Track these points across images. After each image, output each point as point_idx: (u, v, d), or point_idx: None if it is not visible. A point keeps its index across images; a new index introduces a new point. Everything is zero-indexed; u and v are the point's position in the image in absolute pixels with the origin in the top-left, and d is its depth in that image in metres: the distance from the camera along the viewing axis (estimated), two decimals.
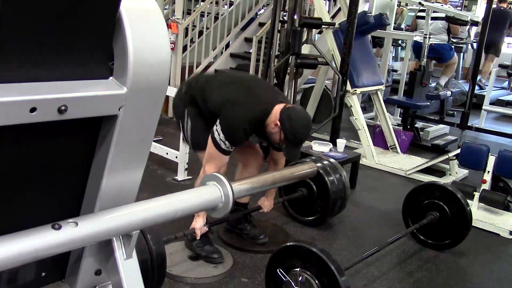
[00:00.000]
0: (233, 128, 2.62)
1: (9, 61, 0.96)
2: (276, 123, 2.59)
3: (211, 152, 2.66)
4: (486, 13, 5.62)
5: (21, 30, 0.95)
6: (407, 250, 3.32)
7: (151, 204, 1.28)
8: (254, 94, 2.72)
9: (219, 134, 2.60)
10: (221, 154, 2.63)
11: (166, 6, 7.35)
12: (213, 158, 2.66)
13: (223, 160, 2.67)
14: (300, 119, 2.59)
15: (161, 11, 5.30)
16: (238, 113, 2.62)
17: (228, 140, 2.60)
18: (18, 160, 1.12)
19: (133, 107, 1.12)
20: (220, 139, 2.60)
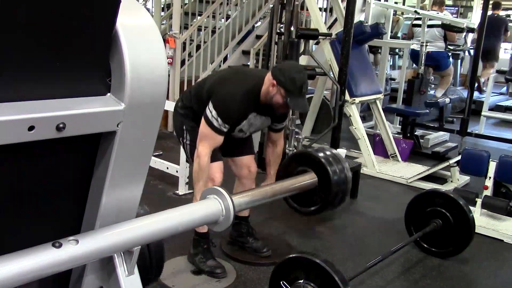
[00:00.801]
0: (224, 102, 2.61)
1: (6, 81, 0.96)
2: (271, 83, 2.59)
3: (204, 131, 2.63)
4: (482, 19, 5.65)
5: (17, 50, 0.96)
6: (411, 259, 3.31)
7: (151, 219, 1.28)
8: (244, 71, 2.75)
9: (211, 111, 2.59)
10: (214, 132, 2.61)
11: (164, 21, 7.39)
12: (206, 137, 2.63)
13: (217, 140, 2.64)
14: (292, 67, 2.60)
15: (159, 26, 5.33)
16: (228, 88, 2.63)
17: (220, 116, 2.57)
18: (17, 178, 1.12)
19: (132, 122, 1.12)
20: (212, 116, 2.59)
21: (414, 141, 5.65)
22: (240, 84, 2.66)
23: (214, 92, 2.65)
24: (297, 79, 2.58)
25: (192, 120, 2.82)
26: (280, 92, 2.59)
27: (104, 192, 1.19)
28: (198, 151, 2.65)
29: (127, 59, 1.07)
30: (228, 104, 2.61)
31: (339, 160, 3.03)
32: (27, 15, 0.94)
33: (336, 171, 2.97)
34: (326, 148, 3.41)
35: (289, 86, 2.56)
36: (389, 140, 5.34)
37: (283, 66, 2.63)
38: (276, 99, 2.63)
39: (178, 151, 4.04)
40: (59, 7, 0.97)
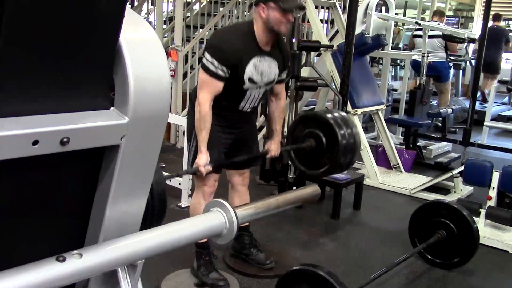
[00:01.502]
0: (216, 42, 2.61)
1: (10, 96, 0.96)
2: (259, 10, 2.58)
3: (202, 77, 2.61)
4: (483, 30, 5.67)
5: (21, 65, 0.96)
6: (416, 270, 3.29)
7: (155, 233, 1.27)
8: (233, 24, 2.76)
9: (206, 56, 2.57)
10: (211, 78, 2.57)
11: (166, 34, 7.44)
12: (205, 83, 2.60)
13: (216, 86, 2.60)
14: None
15: (161, 39, 5.35)
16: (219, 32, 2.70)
17: (214, 56, 2.54)
18: (20, 192, 1.12)
19: (135, 136, 1.13)
20: (207, 61, 2.56)
21: (416, 151, 5.64)
22: (232, 27, 2.71)
23: (207, 42, 2.68)
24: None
25: None
26: (270, 6, 2.56)
27: (107, 206, 1.19)
28: (198, 99, 2.61)
29: (131, 73, 1.08)
30: (221, 43, 2.59)
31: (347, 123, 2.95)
32: (31, 30, 0.95)
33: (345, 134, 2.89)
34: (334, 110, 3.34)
35: None
36: (392, 151, 5.34)
37: None
38: (273, 17, 2.57)
39: (181, 164, 4.04)
40: (63, 22, 0.98)
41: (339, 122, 2.97)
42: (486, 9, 5.73)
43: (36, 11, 0.93)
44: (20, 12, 0.91)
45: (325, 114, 2.78)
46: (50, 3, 0.94)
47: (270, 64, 2.74)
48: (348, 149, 2.90)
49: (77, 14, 0.97)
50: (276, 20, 2.59)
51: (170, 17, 8.21)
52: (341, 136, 2.86)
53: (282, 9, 2.56)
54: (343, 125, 2.89)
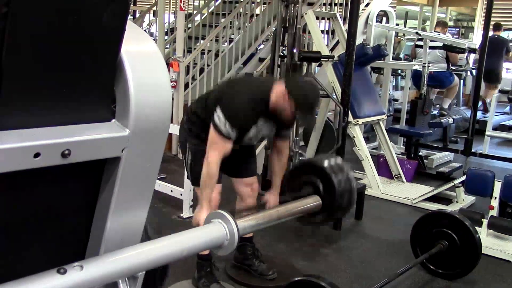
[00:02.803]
0: (233, 106, 2.59)
1: (12, 109, 0.97)
2: (283, 96, 2.55)
3: (213, 137, 2.60)
4: (483, 40, 5.69)
5: (23, 78, 0.97)
6: (418, 281, 3.28)
7: (156, 244, 1.28)
8: (252, 79, 2.75)
9: (219, 117, 2.55)
10: (222, 138, 2.57)
11: (167, 45, 7.47)
12: (216, 143, 2.59)
13: (226, 147, 2.60)
14: (307, 82, 2.58)
15: (163, 50, 5.37)
16: (237, 94, 2.61)
17: (228, 120, 2.54)
18: (21, 205, 1.12)
19: (136, 148, 1.13)
20: (220, 121, 2.55)
21: (418, 161, 5.64)
22: (249, 89, 2.64)
23: (223, 96, 2.63)
24: (310, 96, 2.58)
25: (195, 137, 2.80)
26: (291, 104, 2.56)
27: (109, 217, 1.19)
28: (208, 158, 2.61)
29: (132, 86, 1.09)
30: (237, 108, 2.59)
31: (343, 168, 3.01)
32: (33, 43, 0.96)
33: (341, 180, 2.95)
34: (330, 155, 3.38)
35: (302, 100, 2.55)
36: (393, 161, 5.34)
37: (298, 81, 2.61)
38: (286, 111, 2.60)
39: (182, 174, 4.04)
40: (65, 36, 0.99)
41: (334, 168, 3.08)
42: (487, 19, 5.75)
43: (38, 25, 0.94)
44: (23, 27, 0.92)
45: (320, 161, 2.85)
46: (52, 18, 0.95)
47: (272, 127, 2.81)
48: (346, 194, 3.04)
49: (79, 29, 0.99)
50: (286, 113, 2.63)
51: (172, 28, 8.25)
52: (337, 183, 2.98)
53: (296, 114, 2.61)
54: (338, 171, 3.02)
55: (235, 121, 2.56)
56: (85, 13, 0.98)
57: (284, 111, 2.62)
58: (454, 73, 7.23)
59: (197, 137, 2.79)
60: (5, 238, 1.12)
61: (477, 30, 11.03)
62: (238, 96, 2.61)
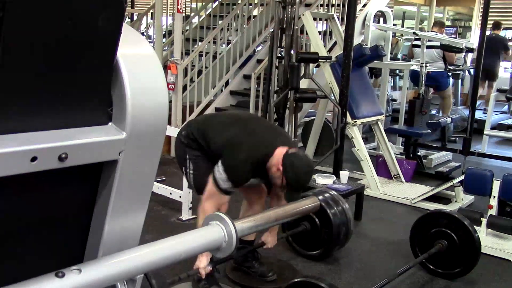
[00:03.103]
0: (235, 169, 2.63)
1: (8, 113, 0.97)
2: (278, 167, 2.59)
3: (211, 190, 2.66)
4: (481, 39, 5.70)
5: (19, 82, 0.98)
6: (417, 281, 3.28)
7: (154, 247, 1.28)
8: (256, 135, 2.74)
9: (221, 174, 2.61)
10: (221, 193, 2.65)
11: (165, 48, 7.47)
12: (213, 196, 2.66)
13: (223, 199, 2.68)
14: (303, 166, 2.59)
15: (160, 52, 5.35)
16: (241, 155, 2.63)
17: (230, 180, 2.61)
18: (19, 209, 1.12)
19: (133, 151, 1.13)
20: (221, 179, 2.61)
21: (417, 161, 5.64)
22: (254, 152, 2.65)
23: (227, 154, 2.65)
24: (302, 180, 2.62)
25: (195, 149, 2.83)
26: (282, 179, 2.61)
27: (106, 220, 1.19)
28: (204, 207, 2.68)
29: (128, 89, 1.09)
30: (239, 172, 2.65)
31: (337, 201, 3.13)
32: (29, 48, 0.96)
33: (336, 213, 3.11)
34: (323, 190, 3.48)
35: (293, 182, 2.60)
36: (392, 161, 5.34)
37: (296, 160, 2.60)
38: (275, 180, 2.67)
39: (181, 176, 4.03)
40: (61, 40, 0.99)
41: (329, 202, 3.21)
42: (484, 18, 5.75)
43: (34, 29, 0.94)
44: (18, 31, 0.92)
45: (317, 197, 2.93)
46: (48, 23, 0.95)
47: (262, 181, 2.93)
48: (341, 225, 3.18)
49: (75, 33, 0.99)
50: (275, 183, 2.70)
51: (170, 30, 8.27)
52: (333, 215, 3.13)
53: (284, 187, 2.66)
54: (333, 204, 3.13)
55: (236, 181, 2.65)
56: (80, 17, 0.98)
57: (274, 181, 2.69)
58: (452, 73, 7.23)
59: (198, 150, 2.83)
60: (2, 242, 1.12)
61: (475, 30, 11.04)
62: (243, 159, 2.63)
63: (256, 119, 3.27)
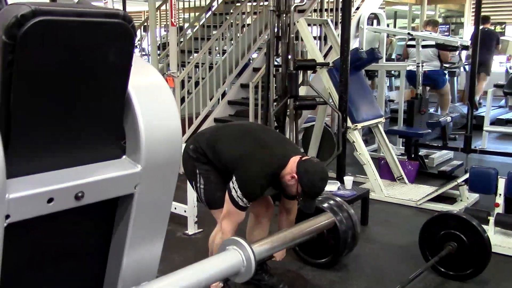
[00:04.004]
0: (250, 185, 2.63)
1: (23, 155, 0.96)
2: (293, 175, 2.60)
3: (229, 209, 2.65)
4: (475, 34, 5.69)
5: (32, 122, 0.96)
6: (430, 284, 3.25)
7: (174, 278, 1.26)
8: (268, 147, 2.73)
9: (237, 191, 2.60)
10: (239, 210, 2.64)
11: (161, 60, 7.46)
12: (231, 214, 2.65)
13: (241, 217, 2.67)
14: (318, 173, 2.60)
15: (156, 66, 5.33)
16: (255, 169, 2.63)
17: (245, 196, 2.60)
18: (37, 248, 1.10)
19: (149, 183, 1.12)
20: (237, 196, 2.60)
21: (419, 162, 5.63)
22: (266, 164, 2.65)
23: (240, 168, 2.64)
24: (317, 187, 2.64)
25: (205, 163, 2.81)
26: (297, 187, 2.62)
27: (124, 254, 1.18)
28: (222, 227, 2.66)
29: (141, 121, 1.08)
30: (254, 187, 2.64)
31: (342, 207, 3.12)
32: (40, 88, 0.94)
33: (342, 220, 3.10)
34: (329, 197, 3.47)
35: (308, 189, 2.61)
36: (394, 163, 5.33)
37: (310, 167, 2.62)
38: (290, 190, 2.68)
39: (185, 191, 4.01)
40: (71, 77, 0.97)
41: (334, 209, 3.21)
42: (477, 14, 5.75)
43: (44, 69, 0.93)
44: (29, 72, 0.91)
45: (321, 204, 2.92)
46: (58, 62, 0.94)
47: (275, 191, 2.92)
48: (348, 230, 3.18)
49: (86, 69, 0.97)
50: (290, 193, 2.71)
51: (164, 43, 8.25)
52: (339, 222, 3.12)
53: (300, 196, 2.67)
54: (338, 211, 3.12)
55: (251, 196, 2.65)
56: (90, 53, 0.97)
57: (289, 190, 2.70)
58: (448, 72, 7.25)
59: (207, 164, 2.82)
60: (22, 280, 1.10)
61: (467, 25, 11.08)
62: (256, 173, 2.63)
63: (264, 130, 3.25)
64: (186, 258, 3.43)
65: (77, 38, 0.95)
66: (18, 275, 1.09)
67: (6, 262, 0.98)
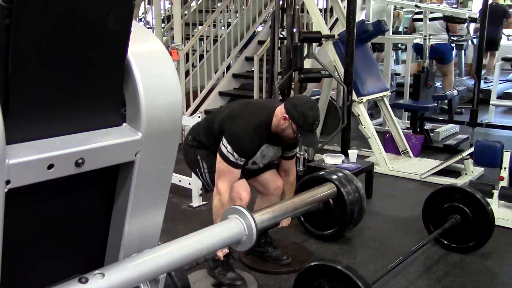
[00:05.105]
0: (238, 137, 2.62)
1: (22, 121, 0.95)
2: (283, 116, 2.60)
3: (221, 167, 2.65)
4: (484, 7, 5.61)
5: (30, 88, 0.95)
6: (432, 256, 3.27)
7: (174, 246, 1.26)
8: (254, 104, 2.77)
9: (226, 147, 2.61)
10: (231, 167, 2.63)
11: (165, 33, 7.40)
12: (224, 173, 2.65)
13: (234, 175, 2.66)
14: (306, 103, 2.62)
15: (160, 38, 5.29)
16: (241, 122, 2.65)
17: (235, 151, 2.59)
18: (38, 217, 1.11)
19: (150, 151, 1.12)
20: (228, 152, 2.60)
21: (424, 135, 5.60)
22: (252, 117, 2.67)
23: (226, 127, 2.66)
24: (309, 116, 2.61)
25: (204, 149, 2.85)
26: (292, 126, 2.62)
27: (126, 221, 1.18)
28: (218, 188, 2.67)
29: (141, 88, 1.07)
30: (242, 139, 2.63)
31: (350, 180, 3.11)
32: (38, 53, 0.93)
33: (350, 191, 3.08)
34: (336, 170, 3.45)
35: (301, 122, 2.59)
36: (400, 137, 5.31)
37: (296, 101, 2.64)
38: (287, 133, 2.66)
39: None
40: (71, 44, 0.96)
41: (342, 181, 3.17)
42: None
43: (42, 35, 0.92)
44: (27, 37, 0.90)
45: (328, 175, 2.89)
46: (56, 26, 0.92)
47: (276, 150, 2.84)
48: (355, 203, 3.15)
49: (84, 35, 0.96)
50: (288, 136, 2.68)
51: (168, 15, 8.17)
52: (346, 194, 3.08)
53: (297, 135, 2.64)
54: (346, 183, 3.09)
55: (241, 150, 2.63)
56: (89, 19, 0.95)
57: (286, 134, 2.68)
58: (456, 44, 7.15)
59: (207, 149, 2.84)
60: (24, 249, 1.11)
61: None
62: (243, 126, 2.64)
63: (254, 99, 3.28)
64: (190, 229, 3.43)
65: (76, 2, 0.93)
66: (19, 244, 1.10)
67: (7, 232, 0.98)
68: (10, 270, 1.05)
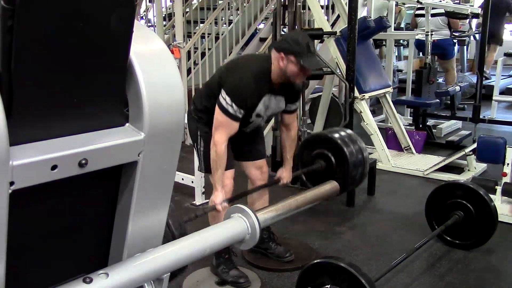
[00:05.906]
0: (237, 87, 2.59)
1: (25, 121, 0.96)
2: (280, 57, 2.58)
3: (219, 118, 2.60)
4: (485, 4, 5.59)
5: (33, 89, 0.95)
6: (435, 253, 3.28)
7: (178, 245, 1.27)
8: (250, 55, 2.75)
9: (225, 98, 2.57)
10: (229, 119, 2.59)
11: (167, 31, 7.40)
12: (222, 124, 2.60)
13: (233, 127, 2.62)
14: (290, 33, 2.65)
15: (162, 37, 5.28)
16: (238, 72, 2.63)
17: (234, 102, 2.56)
18: (42, 217, 1.11)
19: (152, 150, 1.12)
20: (226, 103, 2.57)
21: (427, 132, 5.60)
22: (249, 67, 2.65)
23: (225, 79, 2.63)
24: (300, 38, 2.59)
25: (206, 124, 2.78)
26: (291, 59, 2.56)
27: (129, 221, 1.18)
28: (214, 139, 2.62)
29: (143, 88, 1.07)
30: (241, 88, 2.59)
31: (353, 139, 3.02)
32: (41, 54, 0.94)
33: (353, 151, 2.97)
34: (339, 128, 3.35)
35: (296, 48, 2.55)
36: (402, 133, 5.30)
37: (282, 37, 2.66)
38: (290, 69, 2.59)
39: (192, 161, 4.03)
40: (72, 43, 0.96)
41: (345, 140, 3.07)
42: None
43: (45, 36, 0.92)
44: (29, 39, 0.90)
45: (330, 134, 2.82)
46: (59, 27, 0.92)
47: (279, 101, 2.79)
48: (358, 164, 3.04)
49: (87, 35, 0.96)
50: (294, 73, 2.61)
51: (170, 13, 8.17)
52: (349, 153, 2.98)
53: (301, 65, 2.57)
54: (349, 142, 3.02)
55: (241, 100, 2.57)
56: (91, 18, 0.95)
57: (290, 72, 2.61)
58: (458, 39, 7.14)
59: (207, 125, 2.76)
60: (27, 250, 1.12)
61: None
62: (240, 75, 2.62)
63: None
64: (193, 227, 3.47)
65: (78, 2, 0.93)
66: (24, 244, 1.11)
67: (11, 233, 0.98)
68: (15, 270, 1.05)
